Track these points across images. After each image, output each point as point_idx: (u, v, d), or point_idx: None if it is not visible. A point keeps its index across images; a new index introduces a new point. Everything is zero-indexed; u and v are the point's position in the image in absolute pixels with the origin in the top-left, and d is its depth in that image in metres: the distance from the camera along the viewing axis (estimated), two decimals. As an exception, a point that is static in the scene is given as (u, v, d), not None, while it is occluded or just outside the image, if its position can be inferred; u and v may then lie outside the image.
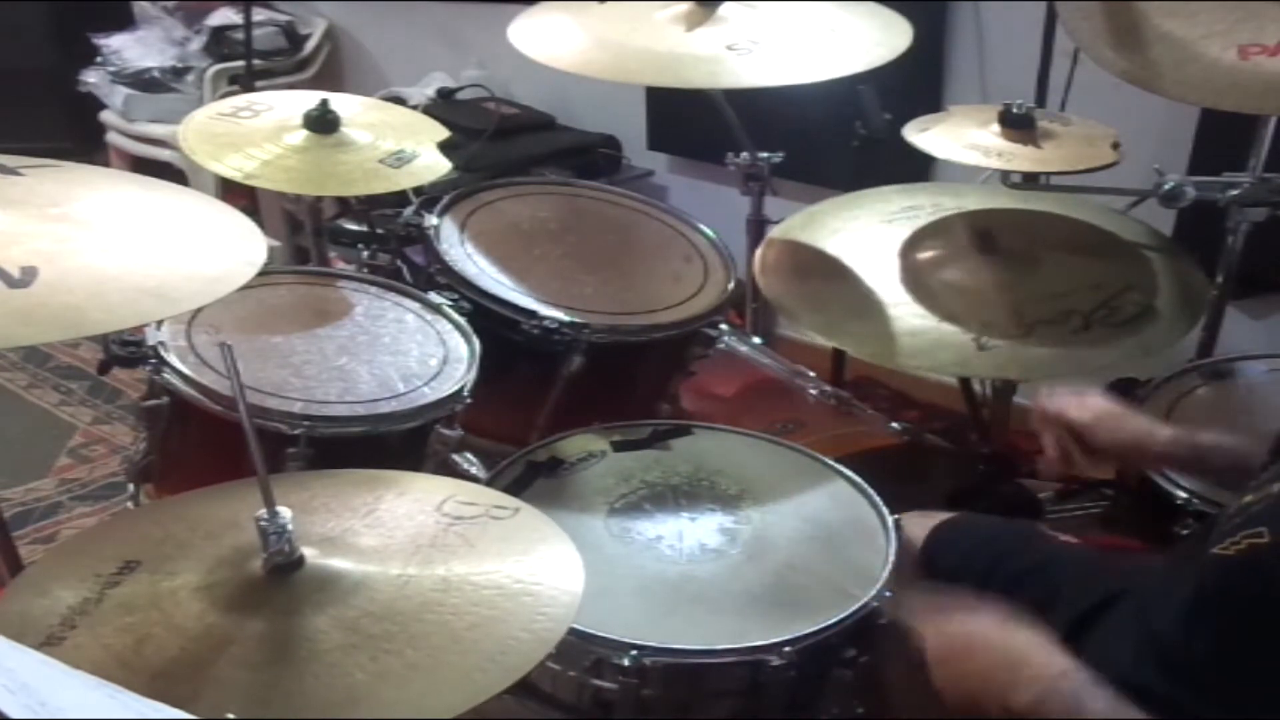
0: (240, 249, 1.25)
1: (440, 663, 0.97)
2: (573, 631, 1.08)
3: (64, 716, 0.65)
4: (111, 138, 3.75)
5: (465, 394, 1.61)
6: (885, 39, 1.82)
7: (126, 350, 1.54)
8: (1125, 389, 1.72)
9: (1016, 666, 1.08)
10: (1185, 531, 1.43)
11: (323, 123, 1.82)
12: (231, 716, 0.89)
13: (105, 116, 3.76)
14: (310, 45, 3.80)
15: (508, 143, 3.04)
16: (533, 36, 1.90)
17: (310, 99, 1.85)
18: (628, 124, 3.17)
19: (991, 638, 1.11)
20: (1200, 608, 1.06)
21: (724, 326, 1.96)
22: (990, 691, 1.08)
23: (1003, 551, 1.39)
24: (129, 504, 1.66)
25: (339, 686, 0.95)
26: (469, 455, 1.63)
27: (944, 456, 2.10)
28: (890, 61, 1.78)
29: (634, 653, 1.19)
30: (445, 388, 1.61)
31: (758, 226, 2.10)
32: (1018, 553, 1.39)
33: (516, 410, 1.80)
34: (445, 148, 1.90)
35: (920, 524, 1.46)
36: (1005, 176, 1.99)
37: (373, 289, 1.83)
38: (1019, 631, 1.11)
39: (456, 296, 1.79)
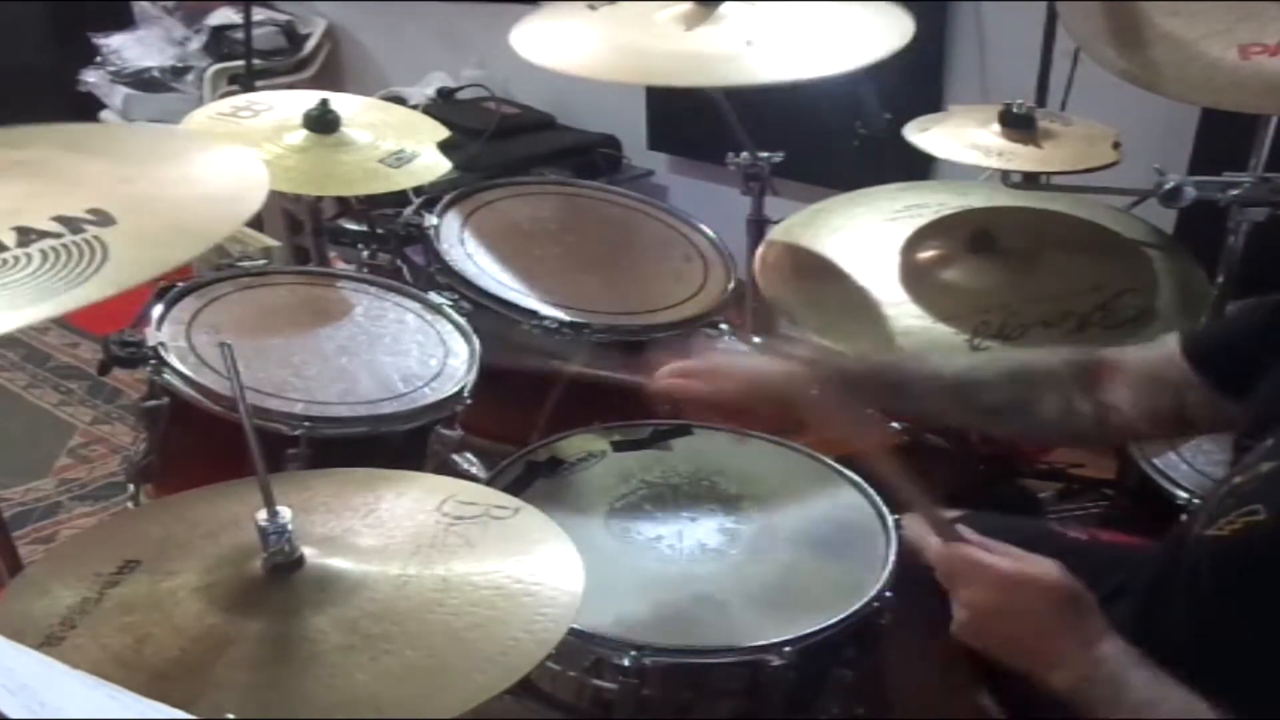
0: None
1: (440, 663, 0.97)
2: (572, 632, 1.07)
3: (64, 716, 0.65)
4: (111, 137, 3.75)
5: (465, 394, 1.61)
6: (888, 28, 1.81)
7: (126, 350, 1.54)
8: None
9: (1061, 640, 1.03)
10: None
11: (323, 123, 1.82)
12: (231, 717, 0.89)
13: (105, 116, 3.76)
14: (310, 45, 3.80)
15: (508, 143, 3.04)
16: (535, 41, 1.89)
17: (310, 99, 1.85)
18: (628, 124, 3.17)
19: (1040, 605, 1.06)
20: (1195, 592, 1.05)
21: (724, 326, 1.95)
22: (1025, 662, 1.04)
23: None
24: (129, 504, 1.66)
25: (339, 687, 0.94)
26: (469, 455, 1.63)
27: (944, 456, 2.10)
28: (891, 61, 1.78)
29: (634, 653, 1.19)
30: (445, 388, 1.61)
31: (758, 226, 2.10)
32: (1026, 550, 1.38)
33: (516, 410, 1.80)
34: (445, 148, 1.90)
35: None
36: (1005, 176, 1.99)
37: (373, 289, 1.83)
38: (1067, 599, 1.05)
39: (456, 296, 1.78)
